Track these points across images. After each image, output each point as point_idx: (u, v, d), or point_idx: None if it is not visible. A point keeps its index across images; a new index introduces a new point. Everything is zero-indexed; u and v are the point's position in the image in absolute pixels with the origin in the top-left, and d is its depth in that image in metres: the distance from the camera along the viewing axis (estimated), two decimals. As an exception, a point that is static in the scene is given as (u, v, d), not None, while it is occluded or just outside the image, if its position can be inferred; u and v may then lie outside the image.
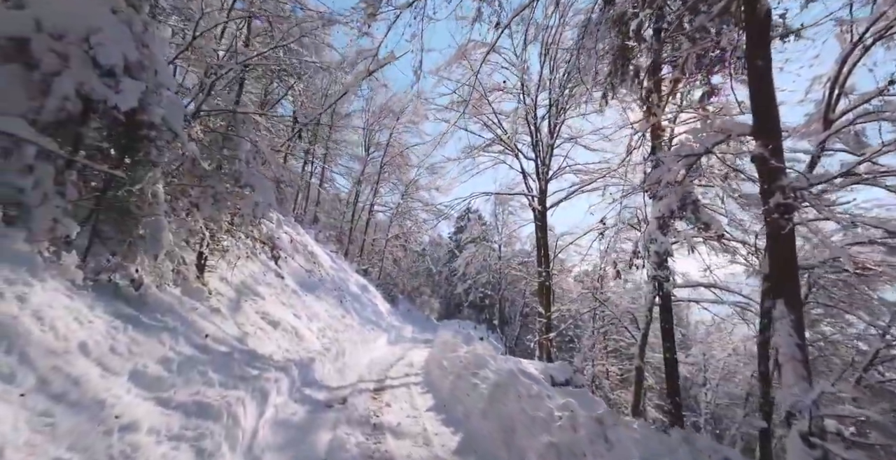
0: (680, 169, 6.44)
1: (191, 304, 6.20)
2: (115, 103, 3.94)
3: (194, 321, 5.67)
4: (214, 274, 8.52)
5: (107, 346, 3.40)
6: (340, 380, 8.59)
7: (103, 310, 3.84)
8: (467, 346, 10.41)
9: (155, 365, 3.71)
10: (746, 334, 18.95)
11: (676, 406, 10.59)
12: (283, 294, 11.02)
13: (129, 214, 5.07)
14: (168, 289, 6.14)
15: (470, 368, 7.63)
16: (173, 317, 5.05)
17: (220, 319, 6.91)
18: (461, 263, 28.58)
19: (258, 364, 6.05)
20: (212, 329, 5.98)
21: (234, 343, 6.30)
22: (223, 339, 5.96)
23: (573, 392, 6.96)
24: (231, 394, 3.88)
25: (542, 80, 15.77)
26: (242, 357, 5.87)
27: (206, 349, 4.94)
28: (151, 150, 4.45)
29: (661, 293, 11.32)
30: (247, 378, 4.80)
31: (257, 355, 6.56)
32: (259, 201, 7.32)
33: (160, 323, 4.62)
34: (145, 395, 3.25)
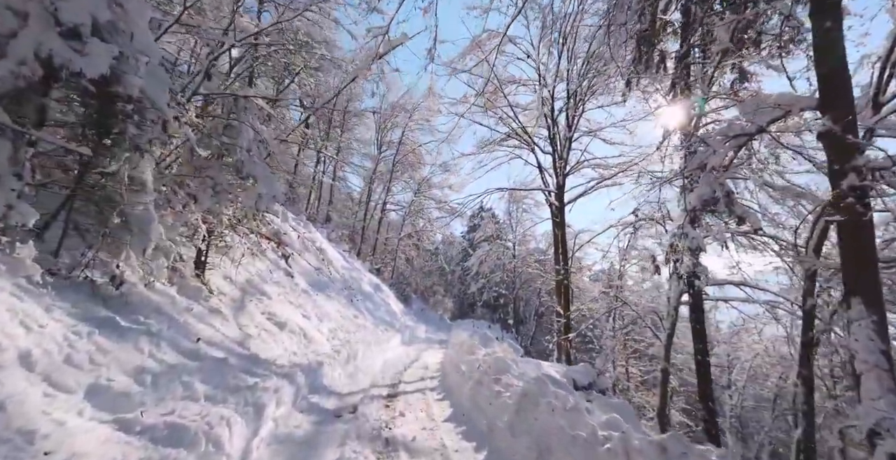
0: (727, 151, 5.65)
1: (186, 304, 5.57)
2: (79, 68, 3.30)
3: (187, 323, 5.03)
4: (217, 272, 7.91)
5: (61, 357, 2.75)
6: (351, 385, 7.92)
7: (66, 312, 3.20)
8: (485, 348, 9.70)
9: (124, 378, 3.06)
10: (775, 334, 17.98)
11: (710, 412, 9.76)
12: (292, 293, 10.39)
13: (111, 203, 4.45)
14: (161, 287, 5.52)
15: (490, 373, 6.91)
16: (160, 319, 4.41)
17: (220, 320, 6.28)
18: (474, 262, 27.90)
19: (259, 370, 5.40)
20: (207, 331, 5.34)
21: (233, 346, 5.65)
22: (220, 343, 5.32)
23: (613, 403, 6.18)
24: (215, 412, 3.21)
25: (559, 71, 14.99)
26: (240, 363, 5.22)
27: (196, 355, 4.29)
28: (128, 128, 3.80)
29: (691, 291, 10.48)
30: (240, 389, 4.14)
31: (259, 360, 5.91)
32: (262, 193, 6.67)
33: (141, 326, 3.97)
34: (103, 418, 2.59)
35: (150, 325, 4.07)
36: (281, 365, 6.34)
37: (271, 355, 6.55)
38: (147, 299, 4.60)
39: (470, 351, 9.48)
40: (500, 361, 7.08)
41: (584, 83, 14.78)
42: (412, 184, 28.50)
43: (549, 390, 4.81)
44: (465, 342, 11.25)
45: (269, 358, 6.38)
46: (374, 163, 27.02)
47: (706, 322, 12.34)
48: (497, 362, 7.12)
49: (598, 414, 4.25)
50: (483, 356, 8.54)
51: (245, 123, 6.49)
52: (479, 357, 8.52)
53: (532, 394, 4.92)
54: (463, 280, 32.50)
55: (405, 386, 8.28)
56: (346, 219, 27.96)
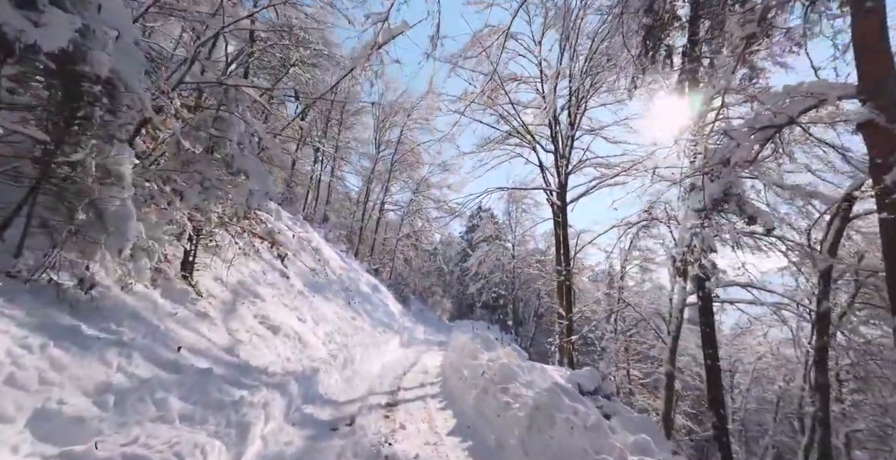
0: (754, 144, 5.22)
1: (169, 309, 5.09)
2: (33, 41, 2.83)
3: (169, 329, 4.55)
4: (207, 273, 7.44)
5: (2, 375, 2.27)
6: (348, 393, 7.45)
7: (16, 321, 2.73)
8: (489, 352, 9.24)
9: (80, 400, 2.59)
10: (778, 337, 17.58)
11: (720, 419, 9.31)
12: (287, 295, 9.92)
13: (82, 198, 3.97)
14: (142, 290, 5.05)
15: (496, 381, 6.46)
16: (136, 326, 3.93)
17: (208, 326, 5.80)
18: (473, 262, 27.41)
19: (248, 380, 4.93)
20: (192, 338, 4.86)
21: (221, 354, 5.18)
22: (205, 351, 4.85)
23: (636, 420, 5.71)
24: (189, 438, 2.74)
25: (561, 68, 14.55)
26: (228, 372, 4.75)
27: (175, 366, 3.82)
28: (95, 112, 3.33)
29: (700, 293, 10.03)
30: (224, 405, 3.67)
31: (249, 368, 5.44)
32: (254, 189, 6.20)
33: (111, 335, 3.50)
34: (46, 452, 2.13)
35: (123, 334, 3.60)
36: (273, 373, 5.87)
37: (263, 362, 6.08)
38: (122, 304, 4.12)
39: (472, 356, 9.03)
40: (507, 368, 6.63)
41: (586, 81, 14.36)
42: (411, 184, 28.06)
43: (564, 404, 4.36)
44: (466, 345, 10.79)
45: (261, 365, 5.91)
46: (373, 163, 26.55)
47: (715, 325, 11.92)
48: (503, 369, 6.66)
49: (622, 433, 3.81)
50: (487, 361, 8.08)
51: (235, 114, 6.02)
52: (482, 362, 8.07)
53: (545, 408, 4.47)
54: (461, 280, 32.02)
55: (405, 393, 7.82)
56: (343, 219, 27.45)
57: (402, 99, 25.22)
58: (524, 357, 9.35)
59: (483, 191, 15.58)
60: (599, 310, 17.14)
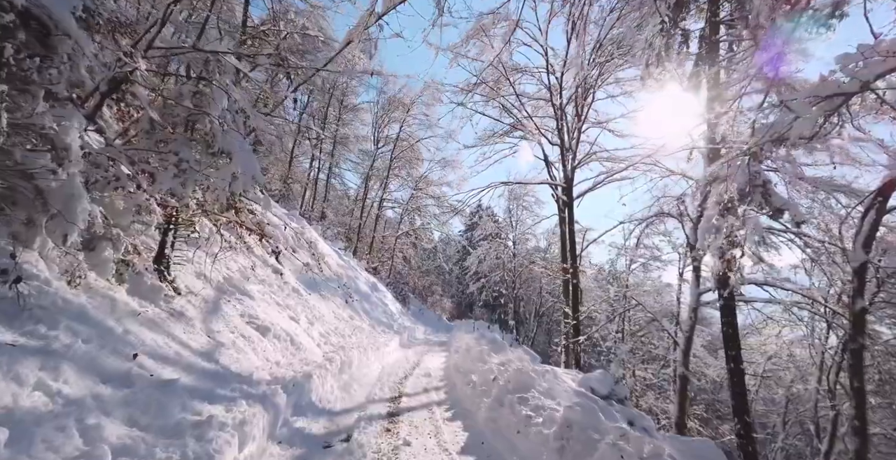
0: (817, 117, 4.42)
1: (134, 308, 4.26)
2: None
3: (128, 332, 3.72)
4: (188, 268, 6.61)
5: None
6: (345, 401, 6.63)
7: None
8: (498, 355, 8.44)
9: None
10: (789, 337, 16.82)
11: (746, 427, 8.51)
12: (279, 293, 9.08)
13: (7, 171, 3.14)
14: (101, 286, 4.22)
15: (511, 388, 5.65)
16: (78, 330, 3.10)
17: (183, 327, 4.97)
18: (473, 261, 26.64)
19: (225, 391, 4.10)
20: (158, 342, 4.03)
21: (195, 361, 4.35)
22: (174, 357, 4.01)
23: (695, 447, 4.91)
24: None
25: (568, 58, 13.76)
26: (200, 383, 3.92)
27: (125, 379, 3.00)
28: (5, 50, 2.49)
29: (722, 291, 9.24)
30: (182, 429, 2.85)
31: (229, 376, 4.62)
32: (238, 172, 5.37)
33: (36, 341, 2.67)
34: None
35: (54, 340, 2.77)
36: (258, 380, 5.04)
37: (247, 368, 5.25)
38: (65, 302, 3.29)
39: (480, 359, 8.22)
40: (522, 374, 5.82)
41: (594, 70, 13.57)
42: (410, 182, 27.21)
43: (604, 423, 3.55)
44: (471, 347, 9.98)
45: (244, 372, 5.08)
46: (371, 159, 25.70)
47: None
48: (518, 375, 5.85)
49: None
50: (497, 365, 7.28)
51: (217, 84, 5.20)
52: (491, 366, 7.27)
53: (579, 427, 3.66)
54: (461, 279, 31.19)
55: (408, 401, 6.99)
56: (342, 216, 26.61)
57: (401, 94, 24.42)
58: (536, 360, 8.55)
59: (486, 186, 14.79)
60: (607, 310, 16.36)
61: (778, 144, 4.70)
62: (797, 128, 4.40)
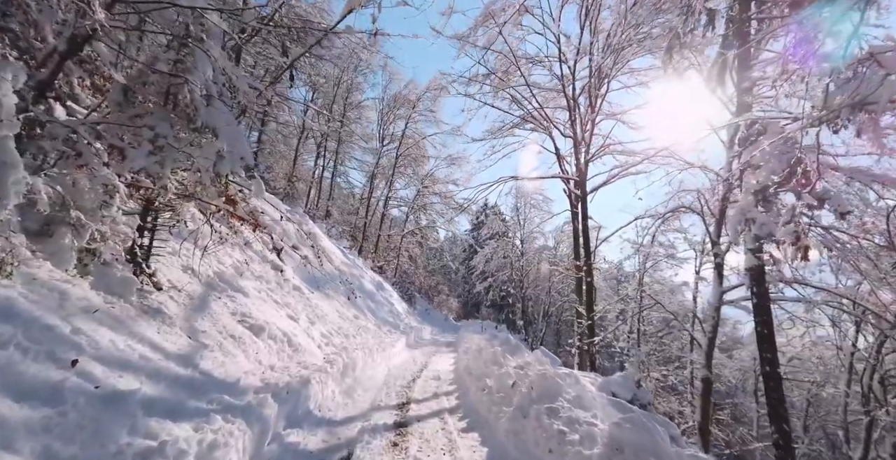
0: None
1: (89, 303, 3.52)
2: None
3: (77, 333, 2.99)
4: (174, 261, 5.88)
5: None
6: (348, 408, 5.88)
7: None
8: (514, 358, 7.65)
9: None
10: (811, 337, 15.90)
11: (784, 435, 7.63)
12: (278, 290, 8.35)
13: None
14: (54, 278, 3.49)
15: (535, 397, 4.87)
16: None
17: (158, 326, 4.23)
18: (480, 260, 25.88)
19: (200, 403, 3.36)
20: (117, 345, 3.29)
21: (167, 366, 3.60)
22: (136, 363, 3.27)
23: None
24: None
25: (581, 45, 12.98)
26: (168, 394, 3.18)
27: (52, 395, 2.25)
28: None
29: (755, 288, 8.40)
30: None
31: (208, 385, 3.87)
32: (223, 150, 4.63)
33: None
34: None
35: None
36: (245, 388, 4.29)
37: (233, 374, 4.50)
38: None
39: (495, 362, 7.44)
40: (547, 381, 5.04)
41: (608, 59, 12.77)
42: (416, 180, 26.43)
43: (663, 448, 2.77)
44: (483, 348, 9.20)
45: (229, 378, 4.33)
46: (376, 157, 24.96)
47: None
48: (542, 381, 5.07)
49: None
50: (514, 369, 6.50)
51: (200, 47, 4.46)
52: (508, 370, 6.49)
53: (633, 450, 2.88)
54: (467, 279, 30.38)
55: (417, 408, 6.23)
56: (347, 215, 25.89)
57: (406, 90, 23.70)
58: (557, 362, 7.77)
59: (495, 181, 14.01)
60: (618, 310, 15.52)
61: (858, 110, 3.90)
62: (888, 87, 3.61)
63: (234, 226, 6.10)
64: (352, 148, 25.47)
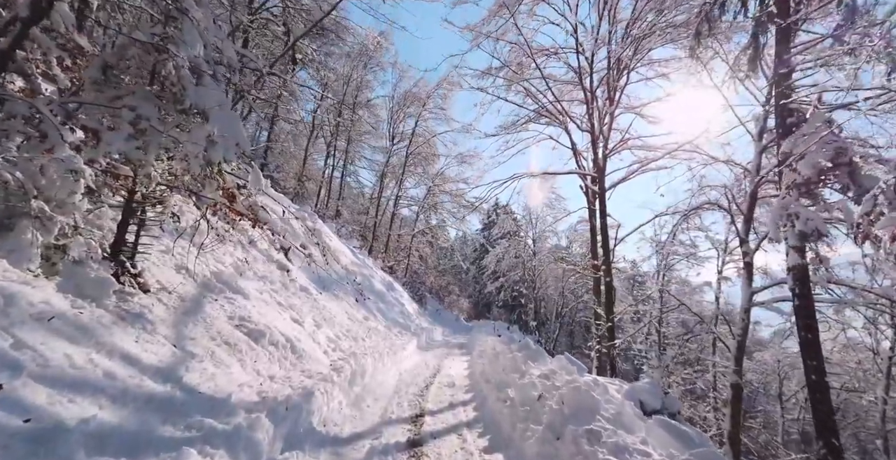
0: None
1: (47, 308, 2.93)
2: None
3: (14, 347, 2.38)
4: (167, 260, 5.31)
5: None
6: (356, 422, 5.25)
7: None
8: (536, 365, 6.98)
9: None
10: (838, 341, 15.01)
11: (834, 451, 6.85)
12: (283, 291, 7.76)
13: None
14: (17, 277, 2.91)
15: (568, 413, 4.21)
16: None
17: (136, 334, 3.63)
18: (492, 259, 25.20)
19: (172, 432, 2.74)
20: (74, 360, 2.68)
21: (138, 383, 3.00)
22: (97, 382, 2.66)
23: None
24: None
25: (599, 35, 12.27)
26: (132, 421, 2.57)
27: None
28: None
29: (797, 290, 7.61)
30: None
31: (190, 404, 3.26)
32: (214, 134, 4.03)
33: None
34: None
35: None
36: (236, 405, 3.67)
37: (224, 389, 3.88)
38: None
39: (515, 369, 6.77)
40: (581, 395, 4.36)
41: (628, 50, 12.04)
42: (426, 179, 25.80)
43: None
44: (500, 352, 8.54)
45: (219, 393, 3.72)
46: (386, 156, 24.38)
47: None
48: (575, 395, 4.39)
49: None
50: (539, 379, 5.83)
51: (189, 15, 3.87)
52: (532, 379, 5.81)
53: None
54: (478, 279, 29.69)
55: (432, 422, 5.58)
56: (357, 215, 25.35)
57: (416, 88, 23.09)
58: (583, 370, 7.07)
59: (509, 178, 13.29)
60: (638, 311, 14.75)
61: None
62: None
63: (233, 221, 5.52)
64: (362, 147, 24.95)
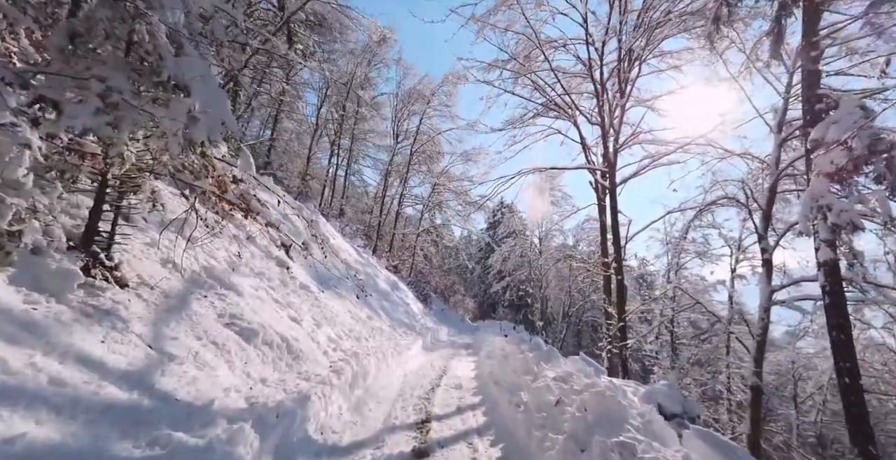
0: None
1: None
2: None
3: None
4: (152, 253, 4.84)
5: None
6: (356, 429, 4.76)
7: None
8: (549, 366, 6.46)
9: None
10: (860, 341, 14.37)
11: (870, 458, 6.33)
12: (281, 288, 7.29)
13: None
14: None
15: (593, 421, 3.70)
16: None
17: (103, 334, 3.16)
18: (497, 259, 24.68)
19: (129, 450, 2.26)
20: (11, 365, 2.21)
21: (94, 391, 2.52)
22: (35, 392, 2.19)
23: None
24: None
25: (610, 25, 11.75)
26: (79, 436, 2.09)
27: None
28: None
29: (828, 287, 7.05)
30: None
31: (159, 414, 2.77)
32: (196, 110, 3.55)
33: None
34: None
35: None
36: (218, 414, 3.19)
37: (205, 395, 3.40)
38: None
39: (527, 370, 6.27)
40: (606, 401, 3.85)
41: (640, 40, 11.51)
42: (430, 177, 25.29)
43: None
44: (509, 353, 8.04)
45: (197, 401, 3.24)
46: (390, 155, 23.91)
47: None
48: (599, 402, 3.88)
49: None
50: (555, 381, 5.32)
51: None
52: (547, 382, 5.31)
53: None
54: (483, 279, 29.16)
55: (439, 428, 5.08)
56: (361, 214, 24.88)
57: (421, 85, 22.61)
58: (601, 372, 6.55)
59: (516, 173, 12.80)
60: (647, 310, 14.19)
61: None
62: None
63: (223, 211, 5.05)
64: (366, 146, 24.49)
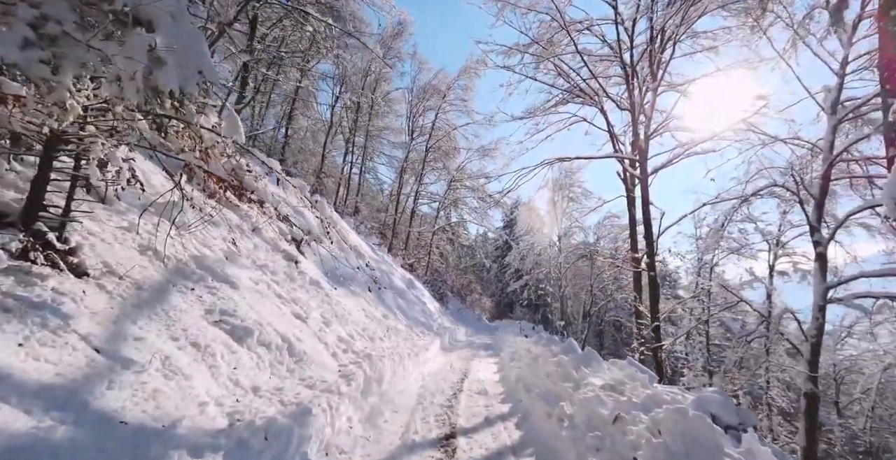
0: None
1: None
2: None
3: None
4: (126, 237, 4.04)
5: None
6: (369, 446, 3.88)
7: None
8: (589, 370, 5.49)
9: None
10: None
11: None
12: (287, 283, 6.46)
13: None
14: None
15: (672, 450, 2.76)
16: None
17: (25, 334, 2.33)
18: (515, 257, 23.65)
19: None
20: None
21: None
22: None
23: None
24: None
25: (641, 2, 10.71)
26: None
27: None
28: None
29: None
30: None
31: (81, 447, 1.91)
32: (161, 54, 2.69)
33: None
34: None
35: None
36: (178, 440, 2.33)
37: (168, 412, 2.54)
38: None
39: (565, 377, 5.32)
40: (691, 422, 2.90)
41: (674, 17, 10.43)
42: (446, 174, 24.38)
43: None
44: (538, 355, 7.09)
45: (155, 421, 2.38)
46: (405, 151, 23.05)
47: None
48: (682, 421, 2.93)
49: None
50: (604, 392, 4.37)
51: None
52: (596, 392, 4.36)
53: None
54: (500, 277, 28.15)
55: (466, 445, 4.16)
56: (376, 212, 24.11)
57: (436, 80, 21.74)
58: (654, 379, 5.55)
59: (539, 164, 11.80)
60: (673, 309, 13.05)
61: None
62: None
63: (209, 189, 4.22)
64: (380, 143, 23.72)
